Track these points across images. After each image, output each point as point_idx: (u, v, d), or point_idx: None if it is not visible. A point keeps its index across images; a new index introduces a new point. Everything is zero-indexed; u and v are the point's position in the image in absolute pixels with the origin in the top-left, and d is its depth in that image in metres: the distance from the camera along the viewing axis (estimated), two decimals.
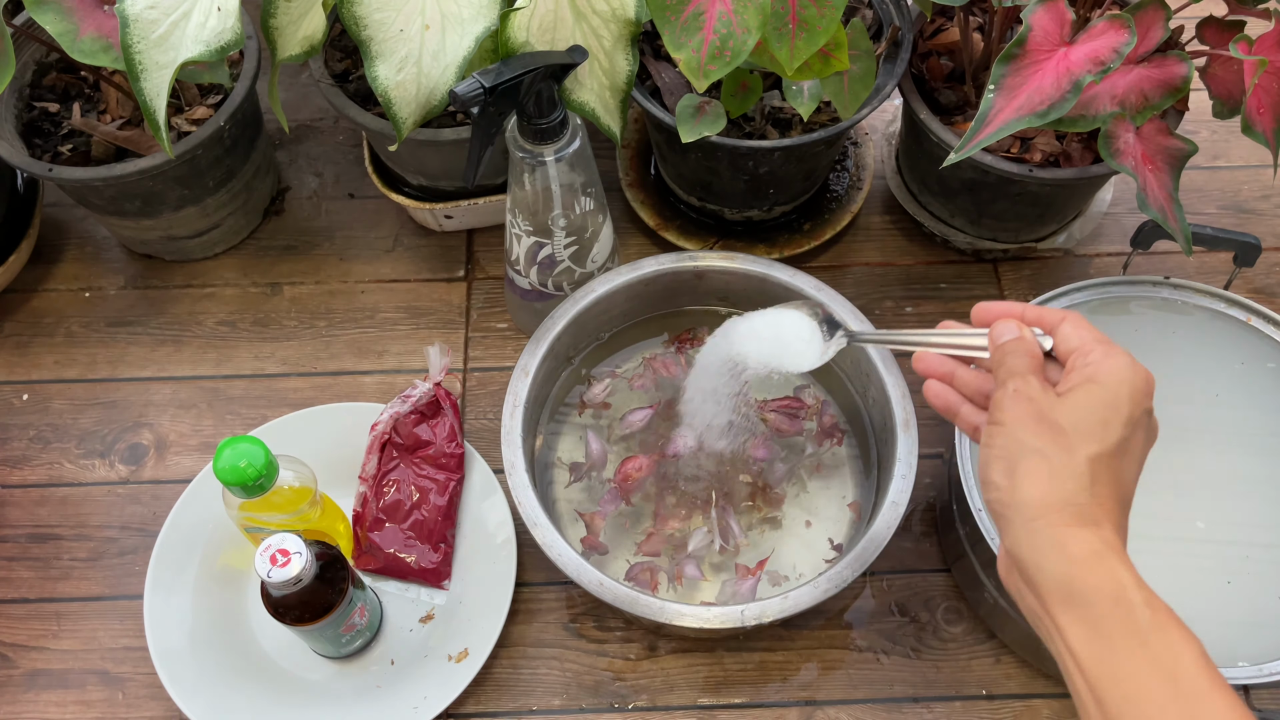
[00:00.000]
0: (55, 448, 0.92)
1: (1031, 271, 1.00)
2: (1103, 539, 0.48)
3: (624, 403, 0.88)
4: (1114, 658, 0.46)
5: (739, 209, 0.97)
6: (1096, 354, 0.52)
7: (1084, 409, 0.50)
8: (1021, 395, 0.52)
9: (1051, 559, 0.48)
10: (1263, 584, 0.73)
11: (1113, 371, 0.51)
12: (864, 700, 0.81)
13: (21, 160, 0.89)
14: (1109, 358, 0.52)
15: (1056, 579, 0.48)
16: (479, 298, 0.99)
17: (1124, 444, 0.50)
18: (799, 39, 0.74)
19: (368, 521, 0.84)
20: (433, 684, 0.78)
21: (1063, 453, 0.50)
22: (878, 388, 0.80)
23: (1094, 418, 0.50)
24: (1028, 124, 0.72)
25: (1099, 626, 0.47)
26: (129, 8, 0.74)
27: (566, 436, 0.87)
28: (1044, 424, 0.51)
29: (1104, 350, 0.52)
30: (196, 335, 0.98)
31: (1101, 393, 0.51)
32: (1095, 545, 0.48)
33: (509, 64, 0.70)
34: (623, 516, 0.83)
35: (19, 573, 0.86)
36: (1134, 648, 0.46)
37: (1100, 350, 0.52)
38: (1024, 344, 0.54)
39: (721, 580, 0.80)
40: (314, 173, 1.08)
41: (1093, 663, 0.47)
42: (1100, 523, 0.49)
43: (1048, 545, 0.49)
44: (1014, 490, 0.50)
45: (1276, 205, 1.04)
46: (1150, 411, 0.52)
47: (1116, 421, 0.50)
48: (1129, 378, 0.51)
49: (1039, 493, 0.49)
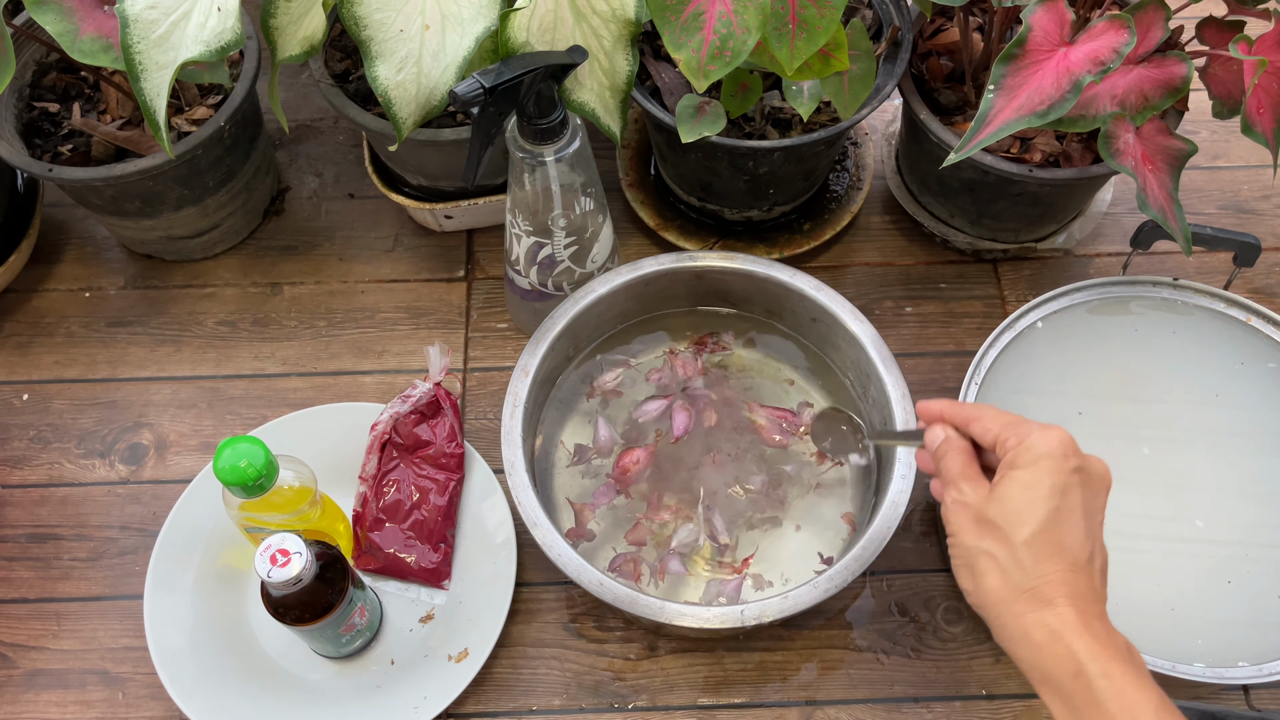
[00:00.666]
0: (55, 448, 0.92)
1: (1031, 271, 1.00)
2: (1058, 617, 0.52)
3: (637, 395, 0.88)
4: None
5: (739, 209, 0.97)
6: (1010, 440, 0.56)
7: (1009, 499, 0.55)
8: (959, 504, 0.57)
9: (1022, 648, 0.54)
10: (1263, 584, 0.73)
11: (1026, 452, 0.55)
12: (864, 700, 0.81)
13: (21, 160, 0.89)
14: (1021, 441, 0.56)
15: (1029, 664, 0.54)
16: (479, 298, 0.99)
17: (1055, 513, 0.54)
18: (799, 39, 0.74)
19: (368, 521, 0.84)
20: (433, 684, 0.78)
21: (1003, 547, 0.54)
22: (878, 388, 0.80)
23: (1020, 503, 0.54)
24: (1028, 124, 0.72)
25: (1070, 702, 0.52)
26: (129, 8, 0.74)
27: (574, 419, 0.87)
28: (982, 524, 0.55)
29: (1015, 435, 0.56)
30: (196, 335, 0.98)
31: (1021, 476, 0.55)
32: (1052, 627, 0.52)
33: (509, 64, 0.70)
34: (617, 509, 0.83)
35: (19, 573, 0.86)
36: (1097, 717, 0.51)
37: (1014, 436, 0.56)
38: (951, 445, 0.59)
39: (706, 580, 0.80)
40: (314, 173, 1.08)
41: None
42: (1053, 600, 0.53)
43: (1017, 637, 0.54)
44: (979, 592, 0.56)
45: (1276, 205, 1.04)
46: (1079, 467, 0.55)
47: (1040, 498, 0.54)
48: (1043, 450, 0.55)
49: (995, 589, 0.55)
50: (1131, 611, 0.71)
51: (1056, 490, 0.54)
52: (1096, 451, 0.77)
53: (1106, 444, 0.77)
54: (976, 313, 0.98)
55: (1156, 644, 0.70)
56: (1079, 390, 0.80)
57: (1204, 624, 0.71)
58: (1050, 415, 0.78)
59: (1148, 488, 0.76)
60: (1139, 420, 0.78)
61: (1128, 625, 0.70)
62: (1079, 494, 0.55)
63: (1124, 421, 0.78)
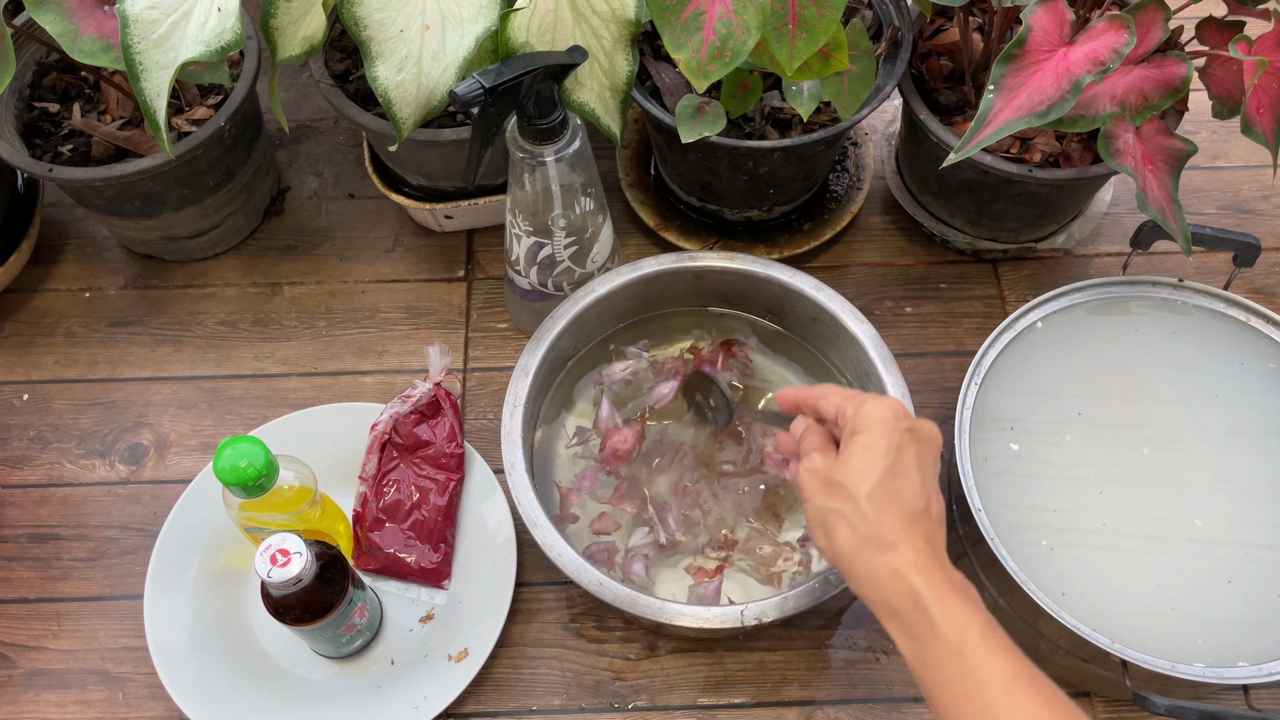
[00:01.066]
0: (55, 448, 0.92)
1: (1031, 271, 1.00)
2: (900, 557, 0.58)
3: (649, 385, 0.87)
4: (923, 652, 0.57)
5: (739, 209, 0.97)
6: (849, 410, 0.62)
7: (851, 460, 0.60)
8: (810, 470, 0.62)
9: (869, 589, 0.59)
10: (1263, 584, 0.72)
11: (863, 418, 0.61)
12: (864, 700, 0.81)
13: (22, 160, 0.89)
14: (858, 409, 0.61)
15: (877, 602, 0.59)
16: (479, 298, 0.99)
17: (893, 469, 0.59)
18: (799, 39, 0.74)
19: (368, 521, 0.84)
20: (433, 684, 0.78)
21: (848, 503, 0.60)
22: (878, 388, 0.80)
23: (860, 462, 0.60)
24: (1027, 124, 0.72)
25: (910, 630, 0.57)
26: (129, 8, 0.74)
27: (582, 400, 0.87)
28: (830, 486, 0.61)
29: (853, 404, 0.62)
30: (196, 335, 0.98)
31: (861, 439, 0.60)
32: (895, 565, 0.58)
33: (509, 64, 0.70)
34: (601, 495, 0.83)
35: (19, 573, 0.86)
36: (933, 640, 0.56)
37: (851, 406, 0.62)
38: (809, 429, 0.65)
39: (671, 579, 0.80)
40: (314, 173, 1.08)
41: (913, 661, 0.58)
42: (895, 545, 0.58)
43: (865, 579, 0.59)
44: (832, 546, 0.61)
45: (1276, 205, 1.04)
46: (910, 428, 0.61)
47: (877, 456, 0.59)
48: (878, 415, 0.60)
49: (845, 541, 0.60)
50: (1131, 611, 0.71)
51: (892, 449, 0.59)
52: (1096, 451, 0.78)
53: (1106, 444, 0.77)
54: (976, 313, 0.98)
55: (1156, 644, 0.70)
56: (1079, 390, 0.80)
57: (1204, 624, 0.71)
58: (1050, 415, 0.78)
59: (1148, 488, 0.76)
60: (1139, 420, 0.78)
61: (1128, 625, 0.71)
62: (912, 450, 0.60)
63: (1124, 421, 0.78)
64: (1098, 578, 0.72)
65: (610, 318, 0.88)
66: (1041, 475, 0.76)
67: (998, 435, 0.78)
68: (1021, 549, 0.73)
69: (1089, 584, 0.72)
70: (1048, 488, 0.76)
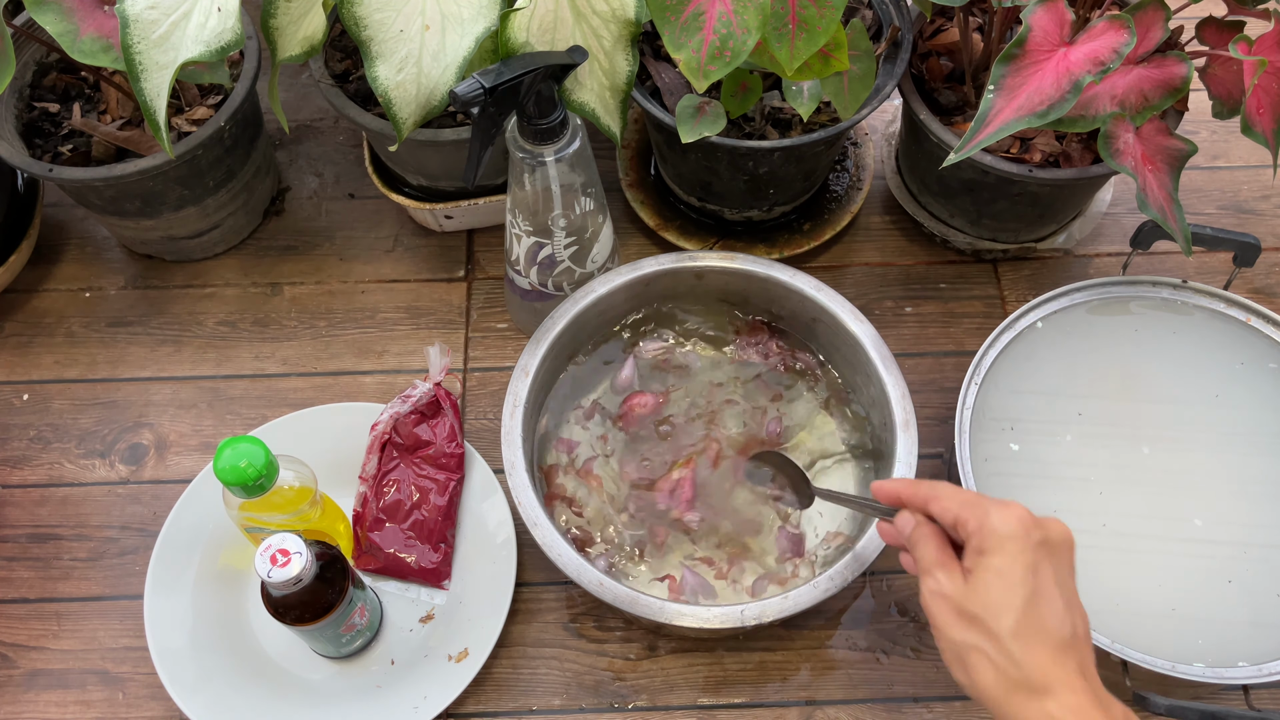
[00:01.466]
0: (55, 448, 0.92)
1: (1031, 271, 1.00)
2: (1058, 704, 0.53)
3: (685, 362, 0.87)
4: None
5: (739, 209, 0.97)
6: (970, 522, 0.56)
7: (986, 590, 0.55)
8: (937, 595, 0.57)
9: None
10: (1263, 584, 0.73)
11: (990, 536, 0.55)
12: (864, 700, 0.81)
13: (22, 160, 0.89)
14: (982, 524, 0.56)
15: None
16: (479, 298, 0.99)
17: (1033, 597, 0.54)
18: (799, 39, 0.74)
19: (368, 521, 0.84)
20: (433, 684, 0.78)
21: (989, 640, 0.54)
22: (878, 387, 0.80)
23: (996, 593, 0.54)
24: (1027, 124, 0.72)
25: None
26: (129, 8, 0.74)
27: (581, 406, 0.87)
28: (964, 617, 0.55)
29: (974, 516, 0.56)
30: (197, 335, 0.98)
31: (992, 564, 0.55)
32: (1053, 714, 0.53)
33: (509, 64, 0.70)
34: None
35: (19, 573, 0.86)
36: None
37: (971, 518, 0.56)
38: (922, 532, 0.59)
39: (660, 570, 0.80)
40: (314, 173, 1.08)
41: None
42: (1049, 688, 0.53)
43: None
44: (975, 688, 0.55)
45: (1276, 205, 1.04)
46: (1042, 541, 0.55)
47: (1014, 583, 0.54)
48: (1007, 533, 0.55)
49: (990, 684, 0.54)
50: (1131, 611, 0.71)
51: (1029, 572, 0.54)
52: (1096, 451, 0.78)
53: (1106, 444, 0.77)
54: (976, 313, 0.98)
55: (1156, 644, 0.70)
56: (1079, 390, 0.80)
57: (1204, 624, 0.71)
58: (1050, 415, 0.78)
59: (1148, 488, 0.76)
60: (1139, 420, 0.78)
61: (1128, 625, 0.71)
62: (1049, 568, 0.55)
63: (1124, 421, 0.78)
64: (1098, 578, 0.72)
65: (610, 318, 0.88)
66: (1041, 475, 0.76)
67: (998, 435, 0.78)
68: None
69: (1089, 584, 0.72)
70: (1048, 488, 0.76)
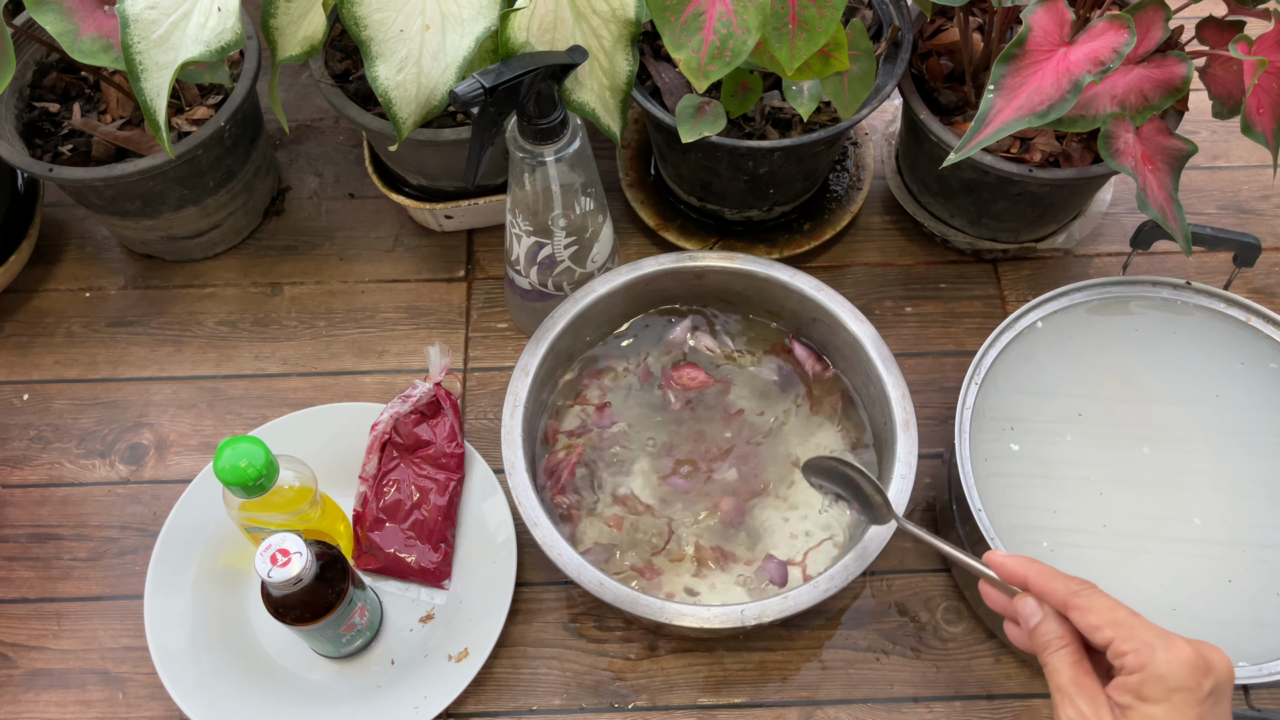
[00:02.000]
0: (55, 448, 0.92)
1: (1031, 271, 1.00)
2: None
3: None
4: None
5: (739, 209, 0.97)
6: (1130, 656, 0.49)
7: None
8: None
9: None
10: (1263, 584, 0.72)
11: (1157, 683, 0.48)
12: (864, 700, 0.81)
13: (22, 160, 0.89)
14: (1146, 664, 0.48)
15: None
16: (479, 298, 0.99)
17: None
18: (799, 39, 0.74)
19: (368, 521, 0.84)
20: (433, 684, 0.78)
21: None
22: (878, 387, 0.80)
23: None
24: (1028, 124, 0.72)
25: None
26: (129, 8, 0.74)
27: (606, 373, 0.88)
28: None
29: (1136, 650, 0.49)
30: (197, 335, 0.98)
31: (1154, 713, 0.48)
32: None
33: (509, 64, 0.70)
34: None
35: (19, 573, 0.86)
36: None
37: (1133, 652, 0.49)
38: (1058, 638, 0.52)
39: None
40: (314, 173, 1.08)
41: None
42: None
43: None
44: None
45: (1276, 205, 1.04)
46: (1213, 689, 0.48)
47: None
48: (1176, 683, 0.48)
49: None
50: None
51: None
52: (1097, 451, 0.78)
53: (1106, 444, 0.77)
54: (976, 313, 0.98)
55: None
56: (1079, 390, 0.80)
57: (1204, 624, 0.71)
58: (1050, 415, 0.78)
59: (1148, 488, 0.76)
60: (1139, 420, 0.78)
61: None
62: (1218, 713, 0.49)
63: (1124, 421, 0.78)
64: (1098, 578, 0.72)
65: (610, 318, 0.88)
66: (1042, 475, 0.76)
67: (998, 435, 0.78)
68: (1022, 549, 0.73)
69: None
70: (1048, 488, 0.76)
